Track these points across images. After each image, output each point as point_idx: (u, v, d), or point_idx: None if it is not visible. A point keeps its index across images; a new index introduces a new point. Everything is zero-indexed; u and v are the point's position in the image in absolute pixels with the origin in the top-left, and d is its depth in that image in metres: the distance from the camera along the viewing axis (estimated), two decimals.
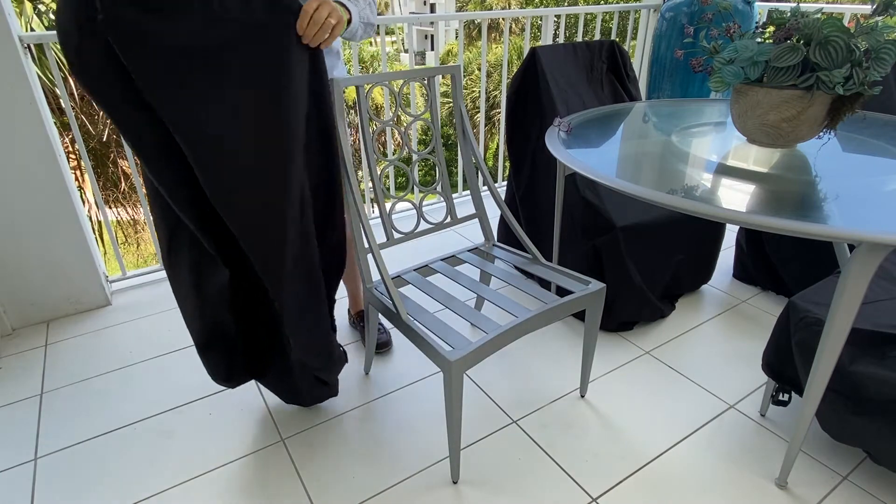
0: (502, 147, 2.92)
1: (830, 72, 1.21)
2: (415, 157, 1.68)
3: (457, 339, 1.28)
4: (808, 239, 1.50)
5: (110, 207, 6.84)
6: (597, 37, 3.18)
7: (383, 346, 1.85)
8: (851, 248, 1.10)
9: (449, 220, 1.67)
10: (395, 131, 1.58)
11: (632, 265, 1.84)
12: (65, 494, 1.37)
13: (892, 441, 1.21)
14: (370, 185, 1.80)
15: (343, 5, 1.21)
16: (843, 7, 2.87)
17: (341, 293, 2.14)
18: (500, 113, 3.05)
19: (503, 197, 2.30)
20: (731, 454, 1.45)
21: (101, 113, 6.47)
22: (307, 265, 1.29)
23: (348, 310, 2.02)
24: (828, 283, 1.43)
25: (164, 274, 2.36)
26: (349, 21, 1.23)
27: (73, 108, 6.22)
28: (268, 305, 1.32)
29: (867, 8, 1.43)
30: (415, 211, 1.63)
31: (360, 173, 2.65)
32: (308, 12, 1.08)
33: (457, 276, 1.57)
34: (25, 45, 1.79)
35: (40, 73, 2.02)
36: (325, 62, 1.19)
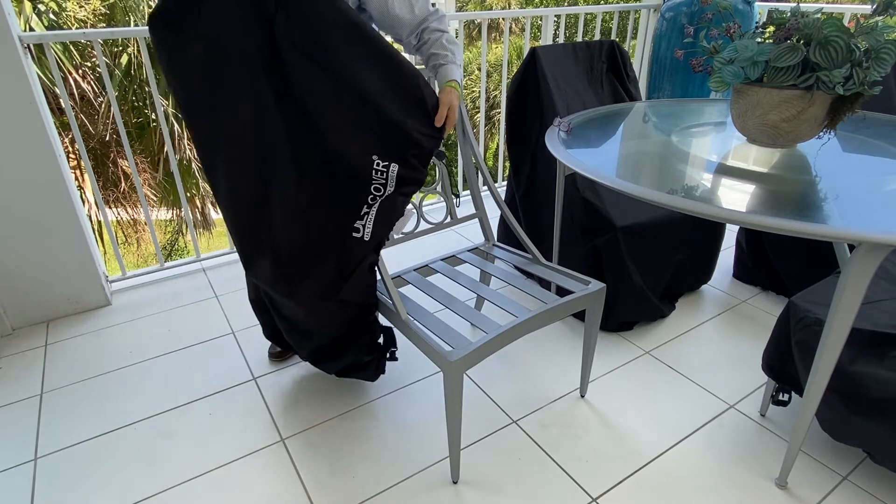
0: (502, 147, 2.92)
1: (830, 72, 1.21)
2: None
3: (457, 339, 1.28)
4: (808, 239, 1.50)
5: (110, 207, 6.84)
6: (597, 37, 3.18)
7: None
8: (851, 248, 1.10)
9: (449, 220, 1.67)
10: None
11: (632, 265, 1.83)
12: (65, 494, 1.37)
13: (892, 441, 1.21)
14: None
15: (455, 80, 1.43)
16: (843, 7, 2.87)
17: None
18: (500, 113, 3.05)
19: (503, 197, 2.30)
20: (731, 454, 1.45)
21: (100, 113, 6.49)
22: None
23: None
24: (828, 283, 1.43)
25: (163, 274, 2.36)
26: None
27: (73, 108, 6.22)
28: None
29: (867, 8, 1.43)
30: (414, 211, 1.63)
31: None
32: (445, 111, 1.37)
33: (457, 276, 1.57)
34: (25, 45, 1.79)
35: (40, 73, 2.02)
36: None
